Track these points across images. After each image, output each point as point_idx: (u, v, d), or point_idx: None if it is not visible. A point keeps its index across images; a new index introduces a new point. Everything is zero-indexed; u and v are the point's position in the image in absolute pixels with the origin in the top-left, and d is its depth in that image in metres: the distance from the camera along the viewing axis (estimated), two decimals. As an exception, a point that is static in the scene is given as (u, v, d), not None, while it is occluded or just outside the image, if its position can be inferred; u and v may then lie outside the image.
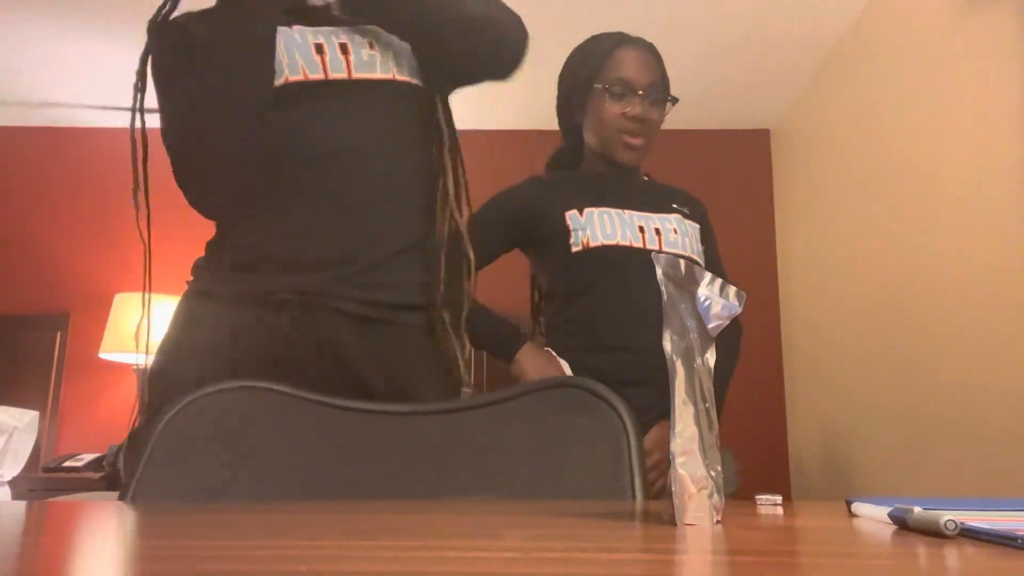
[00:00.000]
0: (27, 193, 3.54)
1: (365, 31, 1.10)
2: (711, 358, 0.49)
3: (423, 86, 1.14)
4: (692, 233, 1.59)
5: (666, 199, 1.62)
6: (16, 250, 3.48)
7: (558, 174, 1.69)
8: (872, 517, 0.49)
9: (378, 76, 1.09)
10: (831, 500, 0.67)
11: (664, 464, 1.44)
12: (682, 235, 1.55)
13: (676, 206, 1.61)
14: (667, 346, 0.48)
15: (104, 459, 2.85)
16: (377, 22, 1.11)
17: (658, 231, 1.54)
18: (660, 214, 1.57)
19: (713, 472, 0.47)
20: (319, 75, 1.06)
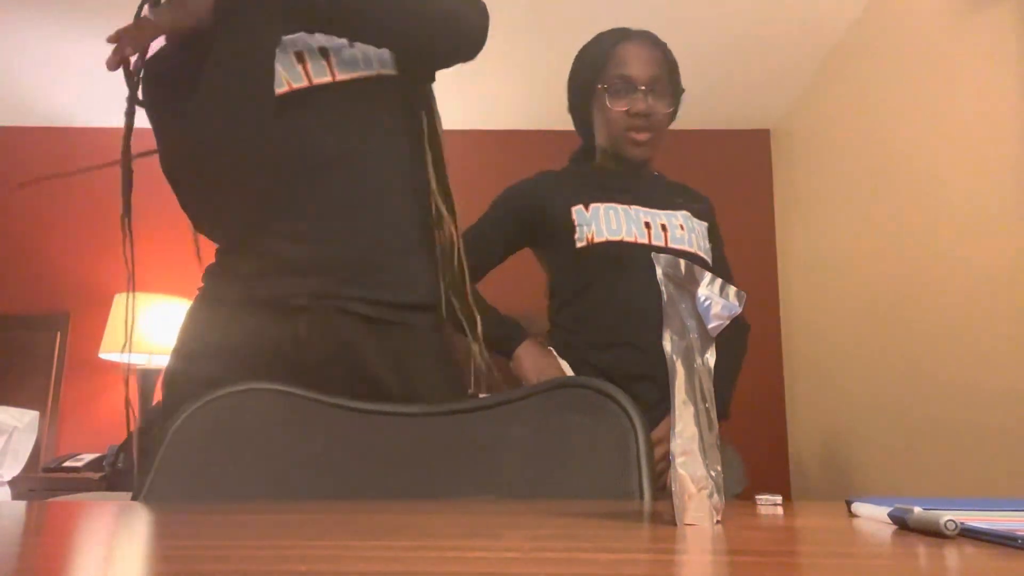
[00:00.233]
0: (27, 193, 3.54)
1: None
2: (711, 358, 0.49)
3: (403, 75, 1.13)
4: (699, 230, 1.58)
5: (675, 195, 1.62)
6: (16, 250, 3.48)
7: (569, 168, 1.69)
8: (872, 517, 0.49)
9: (362, 74, 1.08)
10: (831, 500, 0.67)
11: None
12: (689, 231, 1.54)
13: (684, 202, 1.60)
14: (667, 346, 0.48)
15: (104, 459, 2.85)
16: (345, 35, 1.09)
17: (664, 227, 1.53)
18: (667, 210, 1.56)
19: (713, 472, 0.47)
20: (303, 83, 1.05)
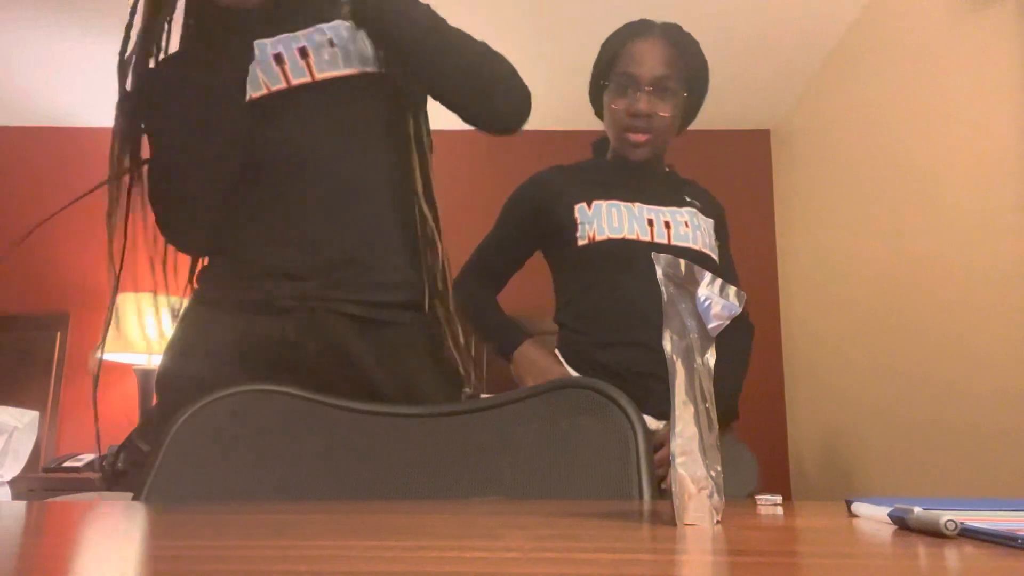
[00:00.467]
0: (27, 193, 3.54)
1: (323, 30, 1.07)
2: (711, 358, 0.49)
3: (388, 73, 1.10)
4: (705, 228, 1.55)
5: (681, 192, 1.59)
6: (16, 250, 3.48)
7: (580, 162, 1.67)
8: (872, 517, 0.49)
9: (343, 72, 1.06)
10: (831, 500, 0.67)
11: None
12: (694, 229, 1.52)
13: (690, 199, 1.58)
14: (667, 346, 0.48)
15: (104, 459, 2.85)
16: (411, 71, 1.09)
17: (668, 224, 1.50)
18: (672, 207, 1.54)
19: (713, 472, 0.47)
20: (281, 85, 1.04)
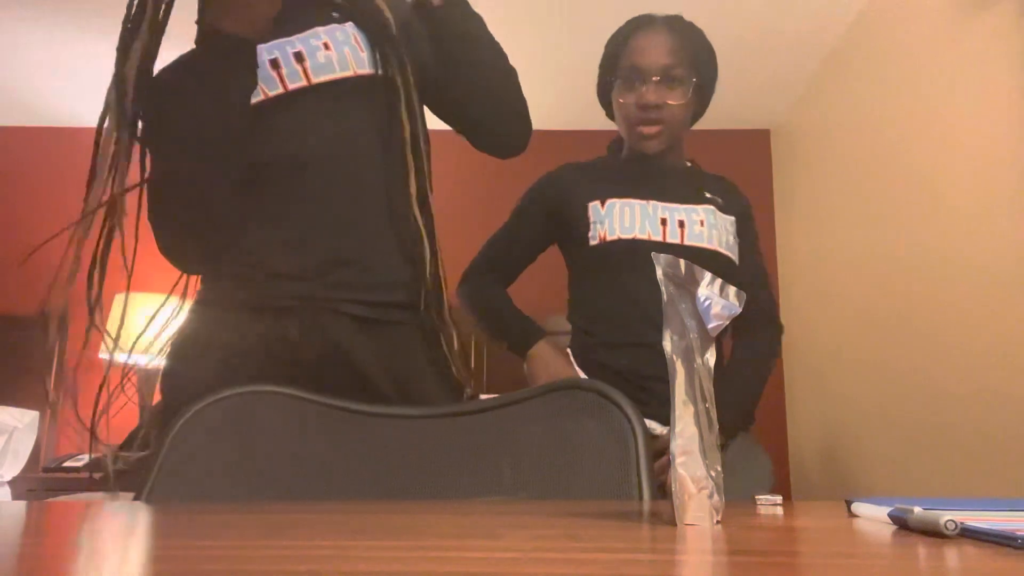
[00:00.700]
0: (27, 193, 3.54)
1: (319, 34, 1.08)
2: (711, 358, 0.49)
3: (383, 74, 1.11)
4: (724, 226, 1.51)
5: (701, 188, 1.55)
6: (16, 250, 3.48)
7: (597, 160, 1.65)
8: (872, 517, 0.49)
9: (338, 76, 1.08)
10: (831, 500, 0.67)
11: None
12: (710, 227, 1.48)
13: (711, 196, 1.54)
14: (667, 346, 0.48)
15: (103, 459, 2.84)
16: (446, 82, 1.14)
17: (682, 223, 1.47)
18: (690, 205, 1.50)
19: (713, 472, 0.47)
20: (279, 90, 1.05)
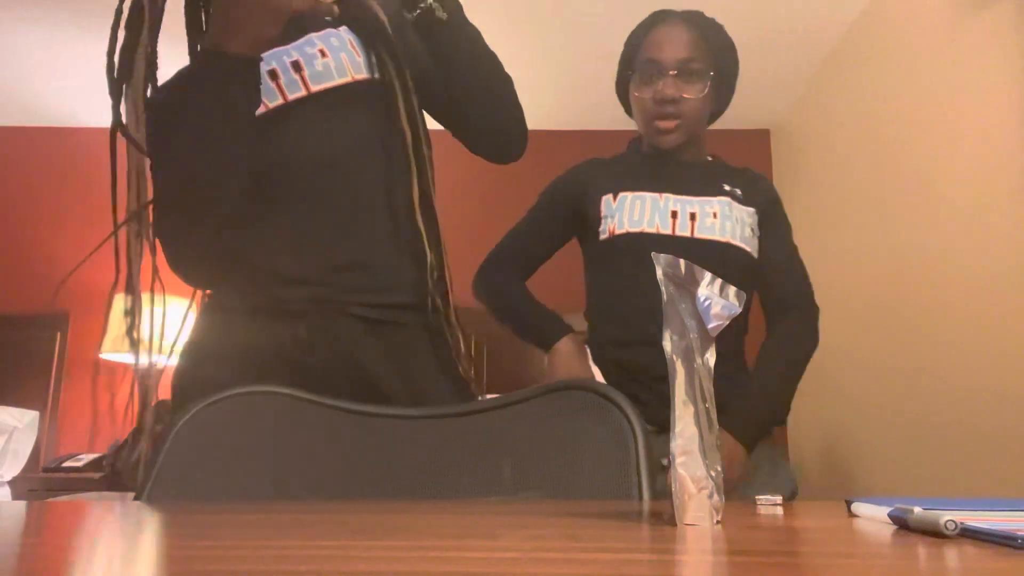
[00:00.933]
0: (27, 193, 3.55)
1: (313, 41, 1.09)
2: (711, 358, 0.49)
3: (381, 78, 1.11)
4: (740, 218, 1.47)
5: (720, 181, 1.51)
6: (16, 250, 3.49)
7: (617, 155, 1.63)
8: (872, 517, 0.49)
9: (336, 83, 1.08)
10: (831, 500, 0.67)
11: None
12: (723, 219, 1.45)
13: (730, 188, 1.50)
14: (667, 346, 0.48)
15: (103, 459, 2.85)
16: (448, 86, 1.14)
17: (693, 216, 1.44)
18: (704, 197, 1.47)
19: (713, 472, 0.47)
20: (278, 100, 1.06)
